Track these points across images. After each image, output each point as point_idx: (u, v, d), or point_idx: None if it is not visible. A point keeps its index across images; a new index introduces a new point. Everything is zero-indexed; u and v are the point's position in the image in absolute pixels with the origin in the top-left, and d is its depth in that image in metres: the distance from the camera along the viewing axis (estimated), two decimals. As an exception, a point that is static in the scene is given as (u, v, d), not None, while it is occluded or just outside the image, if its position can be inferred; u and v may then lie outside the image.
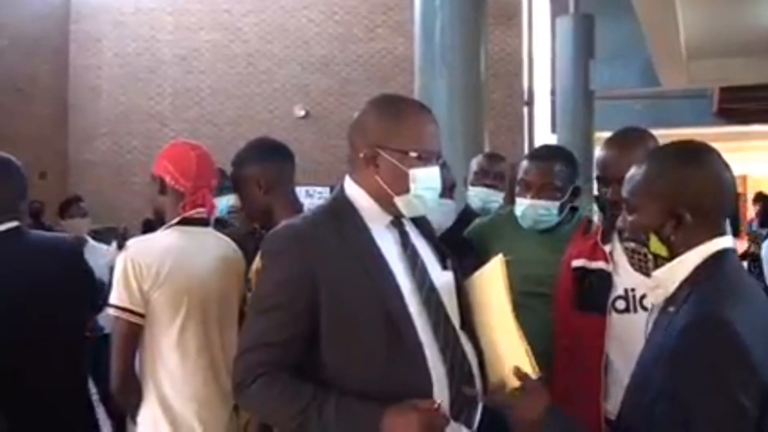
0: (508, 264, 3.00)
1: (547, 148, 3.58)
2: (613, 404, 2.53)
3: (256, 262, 2.85)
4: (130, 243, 2.82)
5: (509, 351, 2.09)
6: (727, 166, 1.97)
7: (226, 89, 16.54)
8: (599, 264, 2.70)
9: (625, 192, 2.04)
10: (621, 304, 2.61)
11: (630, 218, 2.02)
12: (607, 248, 2.70)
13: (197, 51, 16.62)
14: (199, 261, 2.80)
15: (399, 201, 2.17)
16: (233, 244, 3.03)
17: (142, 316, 2.71)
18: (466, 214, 3.92)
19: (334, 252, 2.07)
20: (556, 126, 15.64)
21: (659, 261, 1.95)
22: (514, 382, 2.09)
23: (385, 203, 2.19)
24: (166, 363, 2.74)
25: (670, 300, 1.93)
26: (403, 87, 12.44)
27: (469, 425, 2.13)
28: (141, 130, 16.17)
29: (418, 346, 2.05)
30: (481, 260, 2.29)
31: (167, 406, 2.73)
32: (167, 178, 2.86)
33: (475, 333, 2.19)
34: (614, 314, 2.61)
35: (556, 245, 3.01)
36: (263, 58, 16.59)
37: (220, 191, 3.39)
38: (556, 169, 3.18)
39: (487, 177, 4.08)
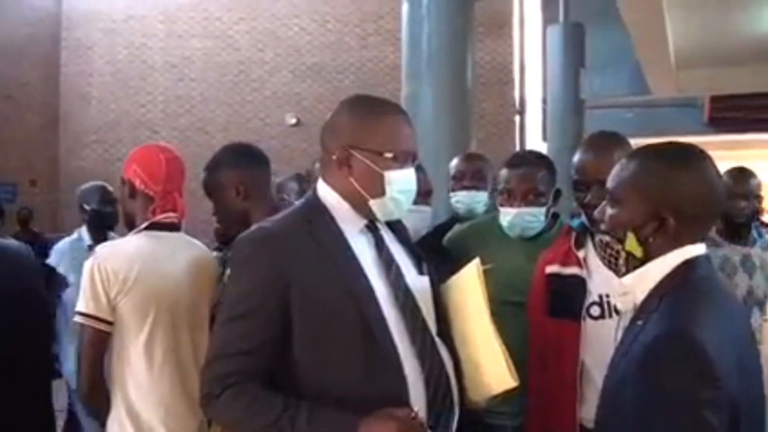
0: (489, 272, 2.97)
1: (523, 155, 3.55)
2: (589, 412, 2.51)
3: None
4: (98, 248, 2.79)
5: (487, 357, 2.06)
6: (719, 173, 1.91)
7: (218, 97, 16.53)
8: (573, 270, 2.67)
9: (610, 183, 1.96)
10: (596, 311, 2.58)
11: (611, 211, 1.94)
12: (580, 254, 2.68)
13: (188, 59, 16.61)
14: (168, 266, 2.77)
15: (374, 204, 2.11)
16: (206, 249, 2.99)
17: (109, 323, 2.67)
18: (453, 221, 3.84)
19: (306, 256, 2.01)
20: (546, 134, 15.65)
21: (630, 260, 1.89)
22: (493, 389, 2.07)
23: (360, 206, 2.13)
24: (134, 369, 2.70)
25: (639, 309, 1.88)
26: (394, 95, 12.28)
27: None
28: (132, 138, 16.09)
29: (394, 351, 2.00)
30: (459, 266, 2.26)
31: (134, 413, 2.69)
32: (137, 182, 2.81)
33: (452, 339, 2.15)
34: (589, 320, 2.58)
35: (538, 253, 2.95)
36: (255, 65, 16.59)
37: None
38: (538, 174, 3.14)
39: (465, 178, 3.94)
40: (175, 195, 2.86)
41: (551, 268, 2.74)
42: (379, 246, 2.15)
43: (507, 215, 3.15)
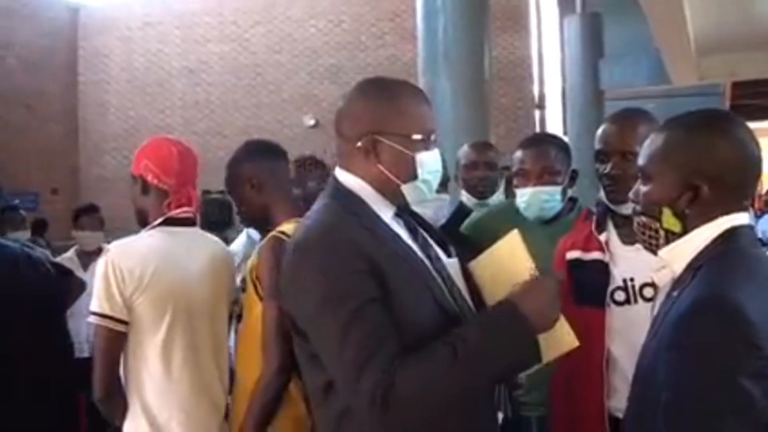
0: None
1: (538, 135, 3.53)
2: (618, 401, 2.43)
3: (252, 262, 2.76)
4: (112, 246, 2.70)
5: None
6: (754, 139, 1.81)
7: (235, 101, 16.54)
8: (595, 255, 2.59)
9: (641, 159, 1.89)
10: (620, 296, 2.50)
11: (644, 189, 1.87)
12: (602, 237, 2.59)
13: (205, 63, 16.64)
14: (184, 263, 2.69)
15: (406, 189, 2.01)
16: (222, 244, 2.94)
17: (125, 323, 2.59)
18: (461, 211, 3.79)
19: (368, 245, 1.87)
20: (566, 127, 15.53)
21: (671, 238, 1.81)
22: (556, 350, 1.99)
23: (390, 193, 2.02)
24: (151, 371, 2.62)
25: (677, 282, 1.79)
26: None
27: (499, 407, 2.06)
28: (150, 144, 16.18)
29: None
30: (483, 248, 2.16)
31: (152, 417, 2.61)
32: (149, 177, 2.72)
33: None
34: (614, 306, 2.50)
35: (557, 236, 2.87)
36: (271, 68, 16.58)
37: None
38: (552, 153, 3.10)
39: (477, 168, 3.88)
40: (189, 188, 2.78)
41: (572, 254, 2.66)
42: (414, 232, 2.07)
43: (523, 195, 3.11)
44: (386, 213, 2.03)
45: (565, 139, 13.58)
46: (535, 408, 2.83)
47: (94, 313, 2.59)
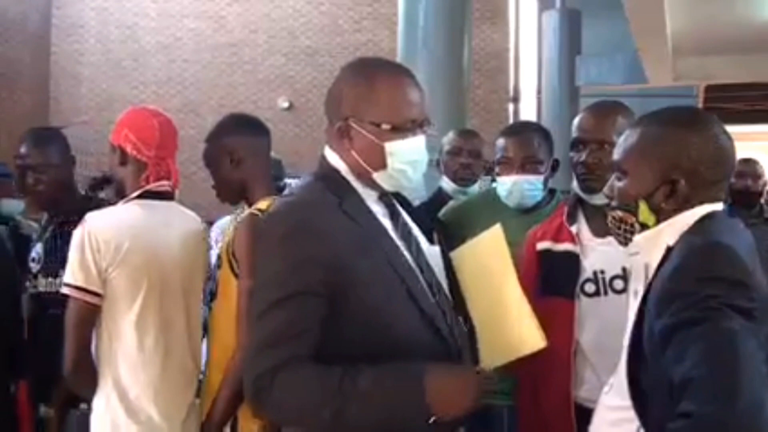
0: None
1: (521, 124, 3.54)
2: (586, 391, 2.45)
3: (227, 238, 2.73)
4: (88, 216, 2.63)
5: (518, 317, 2.02)
6: (726, 133, 1.85)
7: (210, 79, 16.41)
8: (566, 246, 2.59)
9: (616, 154, 1.92)
10: (590, 288, 2.51)
11: (619, 184, 1.89)
12: (573, 229, 2.60)
13: (180, 40, 16.49)
14: (161, 237, 2.66)
15: (377, 177, 1.99)
16: (198, 219, 2.90)
17: (99, 296, 2.55)
18: (439, 197, 3.79)
19: (342, 231, 1.88)
20: (541, 122, 15.57)
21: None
22: (523, 349, 2.01)
23: (365, 180, 2.01)
24: (124, 345, 2.58)
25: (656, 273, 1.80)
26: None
27: None
28: (122, 118, 16.01)
29: (441, 319, 1.93)
30: (456, 243, 2.18)
31: (123, 392, 2.57)
32: (128, 148, 2.67)
33: (464, 306, 2.06)
34: (583, 298, 2.51)
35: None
36: (247, 48, 16.47)
37: None
38: (535, 142, 3.11)
39: (461, 155, 3.89)
40: (169, 161, 2.74)
41: (542, 245, 2.66)
42: (395, 216, 2.04)
43: (504, 184, 3.11)
44: (369, 194, 2.02)
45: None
46: (506, 397, 2.84)
47: (68, 285, 2.54)
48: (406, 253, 1.97)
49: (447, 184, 3.90)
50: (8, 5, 14.99)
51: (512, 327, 2.02)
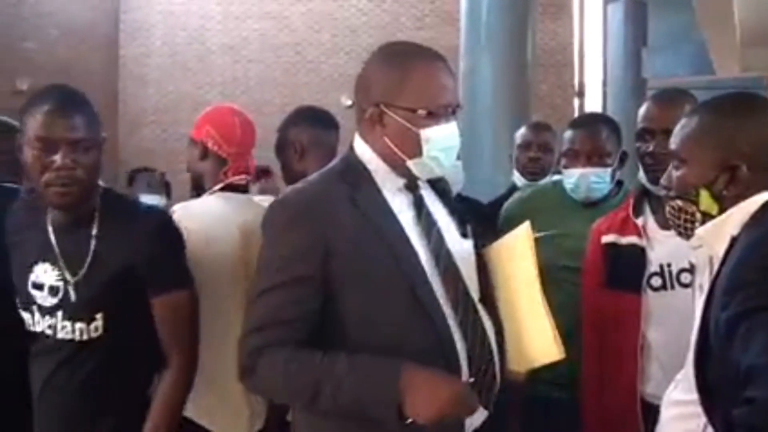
0: (551, 238, 2.88)
1: (588, 116, 3.48)
2: (652, 387, 2.42)
3: None
4: (176, 207, 2.77)
5: (533, 326, 1.95)
6: None
7: (274, 78, 16.53)
8: (631, 239, 2.55)
9: (673, 143, 1.88)
10: (657, 281, 2.47)
11: (678, 173, 1.86)
12: (639, 221, 2.56)
13: (245, 40, 16.64)
14: (241, 228, 2.72)
15: (412, 164, 1.96)
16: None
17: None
18: (512, 193, 3.72)
19: (347, 222, 1.87)
20: (607, 116, 15.36)
21: (707, 222, 1.80)
22: (537, 360, 1.96)
23: (397, 166, 1.97)
24: (212, 333, 2.62)
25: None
26: (451, 75, 12.30)
27: (486, 406, 1.96)
28: (189, 119, 16.12)
29: (444, 321, 1.89)
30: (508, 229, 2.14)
31: (213, 380, 2.61)
32: (210, 143, 2.78)
33: (495, 306, 2.02)
34: (650, 292, 2.47)
35: None
36: (311, 47, 16.55)
37: None
38: (603, 134, 3.04)
39: (531, 149, 3.85)
40: (247, 157, 2.84)
41: (608, 238, 2.62)
42: (419, 207, 2.00)
43: (571, 176, 3.05)
44: (394, 184, 1.99)
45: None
46: (557, 388, 2.81)
47: None
48: (420, 246, 1.93)
49: (518, 178, 3.87)
50: (78, 13, 15.33)
51: (530, 335, 1.96)
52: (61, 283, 2.28)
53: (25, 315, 2.34)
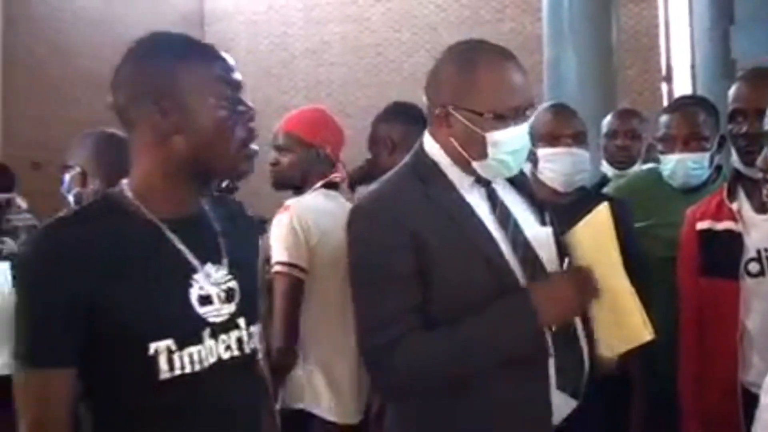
0: (650, 228, 2.81)
1: (685, 98, 3.37)
2: (753, 375, 2.36)
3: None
4: (291, 202, 2.90)
5: (621, 308, 1.91)
6: None
7: (357, 79, 16.64)
8: (727, 224, 2.48)
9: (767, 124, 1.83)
10: (754, 267, 2.40)
11: None
12: (734, 206, 2.49)
13: (327, 44, 16.81)
14: (340, 222, 2.80)
15: (477, 166, 1.96)
16: None
17: (305, 271, 2.76)
18: (603, 184, 3.63)
19: (428, 219, 1.89)
20: (696, 99, 14.97)
21: None
22: (627, 343, 1.93)
23: (463, 166, 1.98)
24: (329, 323, 2.74)
25: None
26: (534, 67, 12.12)
27: (575, 395, 1.96)
28: (275, 124, 16.43)
29: (532, 312, 1.88)
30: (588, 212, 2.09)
31: (327, 367, 2.71)
32: (328, 149, 2.97)
33: None
34: (747, 279, 2.41)
35: None
36: (391, 47, 16.61)
37: None
38: (701, 118, 2.95)
39: (617, 137, 3.77)
40: (340, 156, 3.05)
41: (702, 224, 2.55)
42: (493, 199, 2.00)
43: (668, 162, 2.97)
44: (464, 182, 1.99)
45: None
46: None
47: (281, 263, 2.76)
48: (498, 236, 1.94)
49: (607, 168, 3.80)
50: (163, 27, 15.60)
51: (619, 318, 1.93)
52: (234, 283, 1.71)
53: (187, 352, 1.59)
